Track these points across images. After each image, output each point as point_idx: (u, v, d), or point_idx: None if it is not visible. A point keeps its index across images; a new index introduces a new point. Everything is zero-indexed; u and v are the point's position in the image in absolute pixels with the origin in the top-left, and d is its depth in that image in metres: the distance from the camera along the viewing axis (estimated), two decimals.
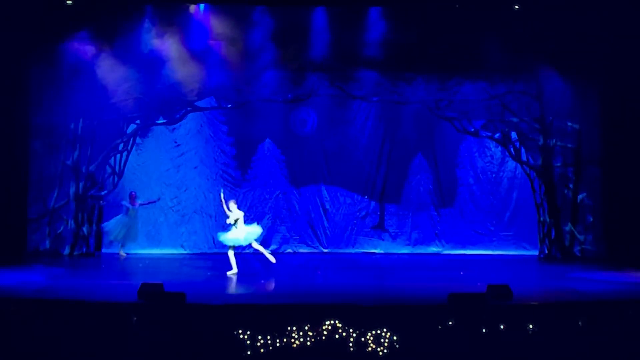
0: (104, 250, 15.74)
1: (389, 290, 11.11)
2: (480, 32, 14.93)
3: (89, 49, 15.00)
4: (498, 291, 9.56)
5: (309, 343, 8.64)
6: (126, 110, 15.48)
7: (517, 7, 14.83)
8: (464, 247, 16.27)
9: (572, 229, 15.60)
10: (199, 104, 15.89)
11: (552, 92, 15.52)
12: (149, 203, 15.25)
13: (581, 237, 15.60)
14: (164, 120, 15.85)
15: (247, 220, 16.03)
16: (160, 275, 12.36)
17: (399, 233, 16.43)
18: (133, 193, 15.02)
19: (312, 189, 16.40)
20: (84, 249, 15.41)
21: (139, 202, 15.13)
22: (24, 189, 15.22)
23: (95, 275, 13.15)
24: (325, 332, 8.66)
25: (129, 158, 15.86)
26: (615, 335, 8.94)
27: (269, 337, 8.62)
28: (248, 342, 8.60)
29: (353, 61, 15.57)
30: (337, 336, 8.67)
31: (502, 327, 8.84)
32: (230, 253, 12.67)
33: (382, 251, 16.30)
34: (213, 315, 8.86)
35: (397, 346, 8.68)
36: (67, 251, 15.30)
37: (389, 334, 8.69)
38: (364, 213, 16.43)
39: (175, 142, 16.20)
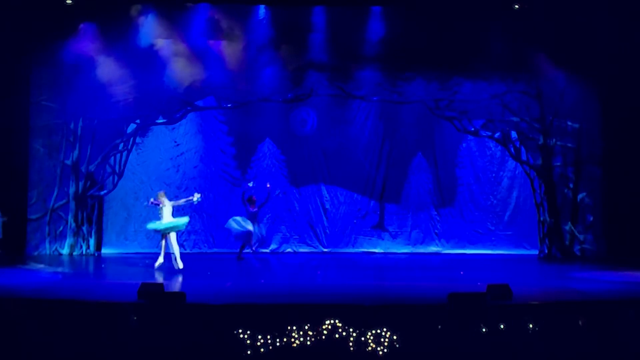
0: (103, 250, 15.75)
1: (388, 290, 11.11)
2: (480, 32, 14.95)
3: (89, 49, 15.00)
4: (498, 291, 9.55)
5: (309, 343, 8.63)
6: (126, 110, 15.49)
7: (517, 6, 14.85)
8: (463, 246, 16.27)
9: (572, 228, 15.61)
10: (199, 103, 15.89)
11: (552, 92, 15.53)
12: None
13: (581, 237, 15.61)
14: (164, 120, 15.85)
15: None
16: (160, 275, 12.35)
17: (399, 232, 16.43)
18: (254, 197, 14.73)
19: (312, 189, 16.40)
20: (84, 249, 15.41)
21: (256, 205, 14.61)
22: (24, 189, 15.23)
23: (95, 275, 13.15)
24: (325, 332, 8.66)
25: (129, 158, 15.86)
26: (615, 335, 8.93)
27: (269, 337, 8.61)
28: (248, 341, 8.60)
29: (353, 61, 15.58)
30: (337, 336, 8.66)
31: (502, 326, 8.83)
32: (169, 242, 12.72)
33: (381, 251, 16.30)
34: (213, 315, 8.85)
35: (397, 346, 8.67)
36: (66, 251, 15.31)
37: (389, 333, 8.69)
38: (363, 212, 16.43)
39: (175, 142, 16.21)
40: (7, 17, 14.22)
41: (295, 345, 8.62)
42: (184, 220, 12.91)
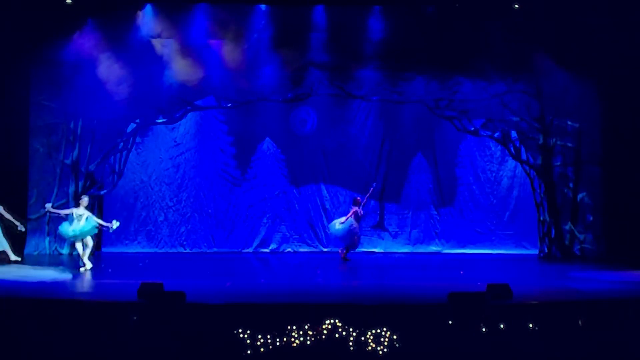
0: (103, 250, 15.76)
1: (389, 290, 11.11)
2: (480, 31, 14.95)
3: (89, 48, 14.97)
4: (498, 290, 9.56)
5: (309, 342, 8.64)
6: (126, 109, 15.44)
7: (517, 6, 14.85)
8: (463, 246, 16.26)
9: (572, 228, 15.60)
10: (199, 103, 15.88)
11: (552, 91, 15.51)
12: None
13: (581, 237, 15.60)
14: (164, 120, 15.84)
15: (247, 220, 16.27)
16: (160, 275, 12.35)
17: (399, 232, 16.42)
18: (359, 198, 14.78)
19: (312, 188, 16.40)
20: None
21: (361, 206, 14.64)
22: (24, 188, 15.22)
23: (95, 274, 13.14)
24: (325, 332, 8.66)
25: (129, 157, 15.86)
26: (615, 335, 8.94)
27: (269, 337, 8.62)
28: (248, 341, 8.60)
29: (353, 60, 15.55)
30: (337, 335, 8.67)
31: (502, 326, 8.84)
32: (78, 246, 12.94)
33: (382, 250, 16.29)
34: (213, 315, 8.86)
35: (397, 345, 8.68)
36: (66, 250, 15.29)
37: (388, 333, 8.69)
38: (364, 212, 16.40)
39: (175, 142, 16.21)
40: (7, 16, 14.21)
41: (295, 345, 8.62)
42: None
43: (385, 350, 8.66)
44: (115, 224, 13.14)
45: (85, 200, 13.28)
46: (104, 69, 15.04)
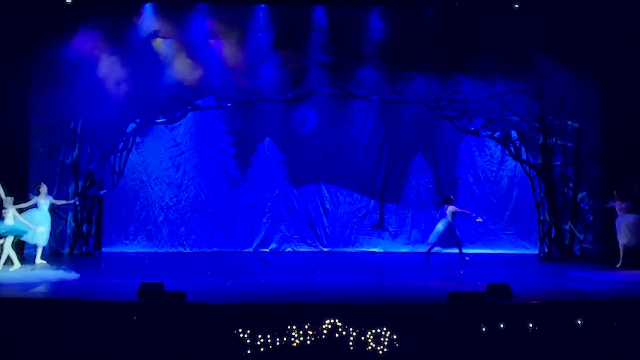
0: (103, 249, 15.76)
1: (388, 289, 11.10)
2: (480, 31, 14.95)
3: (89, 48, 14.96)
4: (498, 290, 9.55)
5: (309, 342, 8.63)
6: (126, 109, 15.44)
7: (517, 6, 14.85)
8: (463, 246, 16.22)
9: (572, 228, 15.61)
10: (199, 102, 15.89)
11: (552, 91, 15.51)
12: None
13: (581, 236, 15.60)
14: (164, 119, 15.84)
15: (247, 220, 16.28)
16: (160, 275, 12.35)
17: (399, 232, 16.43)
18: (451, 197, 14.71)
19: (312, 188, 16.41)
20: (84, 248, 15.40)
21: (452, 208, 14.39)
22: (24, 188, 15.20)
23: (95, 274, 13.15)
24: (325, 331, 8.66)
25: (129, 157, 15.86)
26: (614, 335, 8.93)
27: (269, 336, 8.61)
28: (248, 341, 8.60)
29: (353, 60, 15.55)
30: (337, 335, 8.66)
31: (502, 326, 8.84)
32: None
33: (382, 250, 16.31)
34: (213, 315, 8.85)
35: (397, 345, 8.67)
36: (66, 250, 15.30)
37: (388, 332, 8.69)
38: (363, 212, 16.43)
39: (175, 141, 16.23)
40: (7, 16, 14.21)
41: (295, 344, 8.62)
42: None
43: (385, 350, 8.65)
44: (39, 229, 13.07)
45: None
46: (103, 69, 15.04)
